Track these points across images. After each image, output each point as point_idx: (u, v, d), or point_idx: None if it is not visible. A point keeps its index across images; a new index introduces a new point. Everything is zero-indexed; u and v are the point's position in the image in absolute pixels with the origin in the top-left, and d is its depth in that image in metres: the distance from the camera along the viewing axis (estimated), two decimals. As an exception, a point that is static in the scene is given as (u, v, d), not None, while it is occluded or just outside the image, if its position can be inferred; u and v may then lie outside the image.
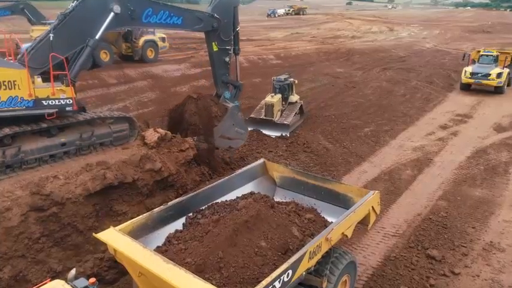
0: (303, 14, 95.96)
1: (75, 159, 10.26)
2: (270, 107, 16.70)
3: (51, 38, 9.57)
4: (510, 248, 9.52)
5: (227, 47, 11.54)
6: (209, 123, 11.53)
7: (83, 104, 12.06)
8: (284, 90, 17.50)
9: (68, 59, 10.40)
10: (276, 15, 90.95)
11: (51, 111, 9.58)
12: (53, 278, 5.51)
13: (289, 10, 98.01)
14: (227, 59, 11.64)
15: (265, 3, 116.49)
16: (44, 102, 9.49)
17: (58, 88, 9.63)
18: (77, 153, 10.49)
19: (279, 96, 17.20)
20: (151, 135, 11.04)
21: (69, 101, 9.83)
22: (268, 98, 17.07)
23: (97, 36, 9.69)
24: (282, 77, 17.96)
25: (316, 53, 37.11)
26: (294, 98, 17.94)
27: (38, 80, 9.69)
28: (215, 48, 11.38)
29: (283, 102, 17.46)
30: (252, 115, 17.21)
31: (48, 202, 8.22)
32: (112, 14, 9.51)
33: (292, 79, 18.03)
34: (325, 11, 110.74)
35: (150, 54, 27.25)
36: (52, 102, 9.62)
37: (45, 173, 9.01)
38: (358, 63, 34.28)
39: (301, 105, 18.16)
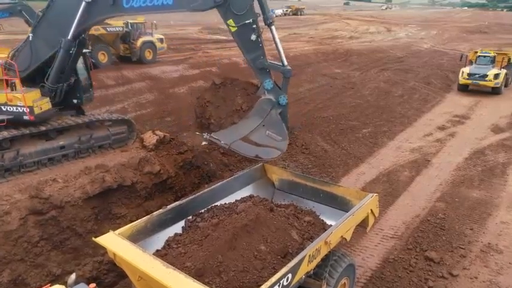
0: (301, 15, 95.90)
1: (74, 162, 10.30)
2: None
3: (30, 38, 9.45)
4: (508, 250, 9.56)
5: (247, 21, 8.56)
6: (227, 118, 9.41)
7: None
8: None
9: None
10: (274, 16, 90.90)
11: (6, 117, 9.40)
12: (52, 282, 5.56)
13: (286, 10, 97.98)
14: (253, 37, 8.64)
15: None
16: (2, 108, 9.39)
17: (11, 95, 9.35)
18: (75, 156, 10.53)
19: None
20: (150, 138, 11.08)
21: (25, 110, 9.45)
22: None
23: (69, 36, 8.99)
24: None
25: (314, 54, 37.13)
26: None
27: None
28: (233, 29, 8.68)
29: None
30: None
31: (47, 205, 8.24)
32: (83, 3, 8.57)
33: None
34: (323, 11, 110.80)
35: (148, 55, 27.26)
36: (10, 108, 9.44)
37: (44, 177, 9.04)
38: (356, 64, 34.31)
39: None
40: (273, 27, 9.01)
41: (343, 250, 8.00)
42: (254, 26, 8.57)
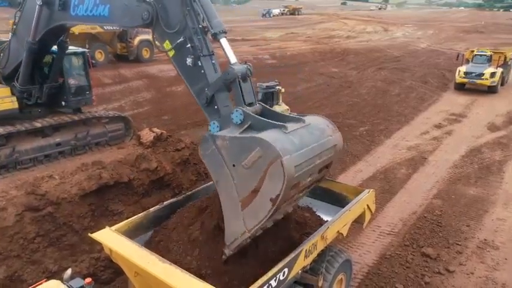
0: (298, 14, 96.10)
1: (70, 159, 10.28)
2: None
3: (9, 37, 9.48)
4: (504, 246, 9.60)
5: (179, 40, 6.21)
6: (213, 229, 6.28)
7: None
8: (267, 98, 15.96)
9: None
10: (271, 15, 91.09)
11: None
12: (48, 278, 5.50)
13: (284, 10, 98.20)
14: (189, 61, 6.20)
15: (260, 3, 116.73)
16: None
17: None
18: (72, 153, 10.49)
19: None
20: (147, 135, 11.07)
21: None
22: None
23: (30, 37, 8.74)
24: (265, 84, 16.12)
25: (311, 53, 37.19)
26: (278, 108, 15.92)
27: None
28: (171, 53, 6.42)
29: None
30: None
31: (44, 202, 8.22)
32: (37, 6, 8.33)
33: (278, 87, 16.22)
34: (320, 11, 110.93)
35: (146, 54, 27.18)
36: None
37: (40, 173, 9.01)
38: (353, 63, 34.38)
39: None
40: (222, 40, 6.10)
41: (340, 246, 8.02)
42: (188, 45, 6.13)
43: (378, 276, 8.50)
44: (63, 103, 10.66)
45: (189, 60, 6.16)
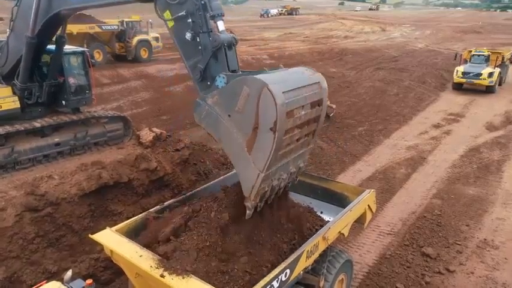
0: (296, 14, 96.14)
1: (69, 159, 10.23)
2: None
3: (7, 34, 9.33)
4: (504, 245, 9.62)
5: (181, 14, 6.15)
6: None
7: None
8: None
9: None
10: (269, 15, 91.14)
11: None
12: (48, 279, 5.48)
13: (282, 10, 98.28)
14: (188, 36, 6.19)
15: (258, 3, 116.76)
16: None
17: None
18: (71, 153, 10.45)
19: None
20: (147, 135, 11.03)
21: None
22: None
23: (29, 32, 8.51)
24: None
25: (310, 53, 37.18)
26: None
27: None
28: (170, 23, 6.37)
29: None
30: None
31: (43, 202, 8.17)
32: None
33: None
34: (318, 11, 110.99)
35: (144, 53, 27.12)
36: None
37: (40, 173, 8.96)
38: (351, 63, 34.40)
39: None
40: (219, 23, 6.15)
41: (341, 246, 8.00)
42: (189, 20, 6.10)
43: (378, 276, 8.51)
44: (63, 102, 10.60)
45: (188, 35, 6.21)
